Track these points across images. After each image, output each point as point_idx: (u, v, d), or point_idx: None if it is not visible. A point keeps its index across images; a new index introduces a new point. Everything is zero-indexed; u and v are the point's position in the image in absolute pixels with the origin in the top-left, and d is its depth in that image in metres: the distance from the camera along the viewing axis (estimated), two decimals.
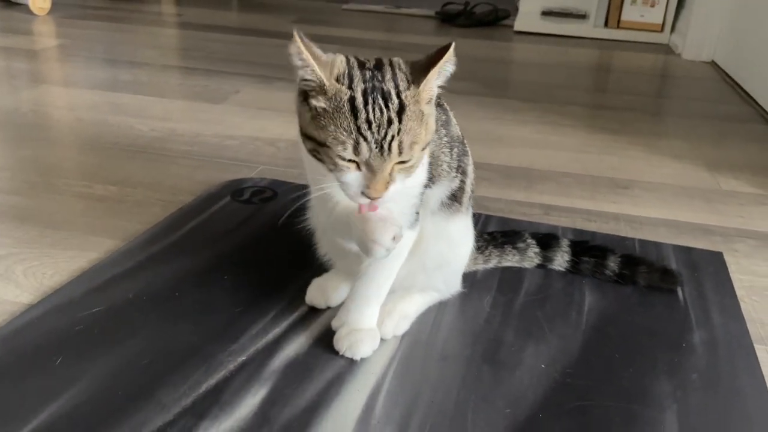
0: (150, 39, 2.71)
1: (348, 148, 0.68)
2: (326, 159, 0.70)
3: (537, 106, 2.05)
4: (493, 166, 1.55)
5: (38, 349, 0.85)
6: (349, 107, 0.68)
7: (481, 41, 2.97)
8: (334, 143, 0.68)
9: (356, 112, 0.68)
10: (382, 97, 0.69)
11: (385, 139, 0.68)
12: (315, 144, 0.71)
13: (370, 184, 0.70)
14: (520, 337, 0.93)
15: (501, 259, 1.09)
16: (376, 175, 0.69)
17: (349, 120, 0.68)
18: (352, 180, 0.70)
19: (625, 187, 1.47)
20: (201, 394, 0.79)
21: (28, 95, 1.91)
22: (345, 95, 0.69)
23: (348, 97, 0.68)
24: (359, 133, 0.68)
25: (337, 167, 0.70)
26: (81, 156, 1.52)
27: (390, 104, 0.69)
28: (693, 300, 1.04)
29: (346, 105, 0.68)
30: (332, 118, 0.68)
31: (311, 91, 0.70)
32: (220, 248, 1.11)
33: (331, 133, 0.68)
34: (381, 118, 0.68)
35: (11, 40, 2.51)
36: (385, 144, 0.68)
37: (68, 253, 1.09)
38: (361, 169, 0.70)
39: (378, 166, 0.69)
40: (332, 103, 0.69)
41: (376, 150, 0.68)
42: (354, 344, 0.86)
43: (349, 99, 0.68)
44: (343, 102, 0.68)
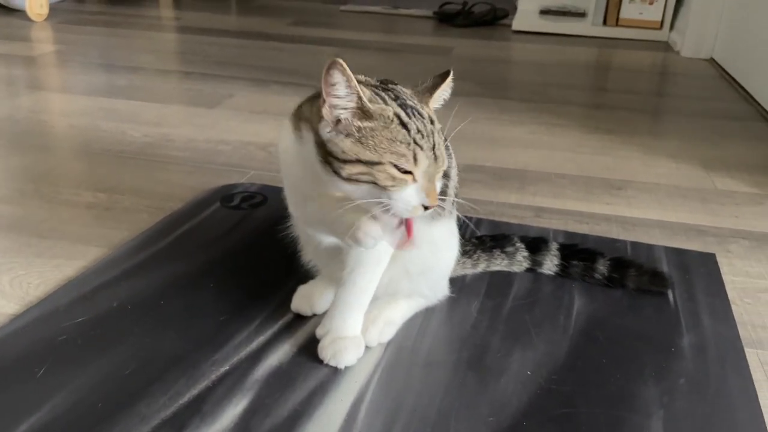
0: (147, 43, 2.71)
1: (410, 159, 0.69)
2: (381, 177, 0.69)
3: (533, 106, 2.04)
4: (487, 168, 1.54)
5: (21, 360, 0.85)
6: (398, 122, 0.70)
7: (479, 41, 2.96)
8: (393, 158, 0.69)
9: (406, 124, 0.70)
10: (417, 112, 0.72)
11: (434, 148, 0.71)
12: (364, 166, 0.69)
13: (429, 193, 0.71)
14: (507, 342, 0.92)
15: (489, 264, 1.08)
16: (431, 184, 0.72)
17: (404, 133, 0.70)
18: (410, 194, 0.71)
19: (619, 187, 1.46)
20: (182, 405, 0.79)
21: (23, 102, 1.91)
22: (389, 112, 0.70)
23: (393, 113, 0.70)
24: (416, 144, 0.70)
25: (395, 183, 0.69)
26: (71, 163, 1.52)
27: (423, 117, 0.72)
28: (683, 303, 1.02)
29: (395, 119, 0.70)
30: (384, 135, 0.69)
31: (355, 115, 0.69)
32: (207, 255, 1.11)
33: (387, 148, 0.69)
34: (425, 128, 0.71)
35: (8, 46, 2.52)
36: (435, 151, 0.71)
37: (55, 262, 1.09)
38: (416, 180, 0.70)
39: (433, 173, 0.72)
40: (381, 121, 0.70)
41: (432, 159, 0.71)
42: (338, 353, 0.85)
43: (395, 114, 0.70)
44: (391, 118, 0.70)
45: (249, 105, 1.94)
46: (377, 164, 0.69)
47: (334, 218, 0.77)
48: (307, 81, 2.16)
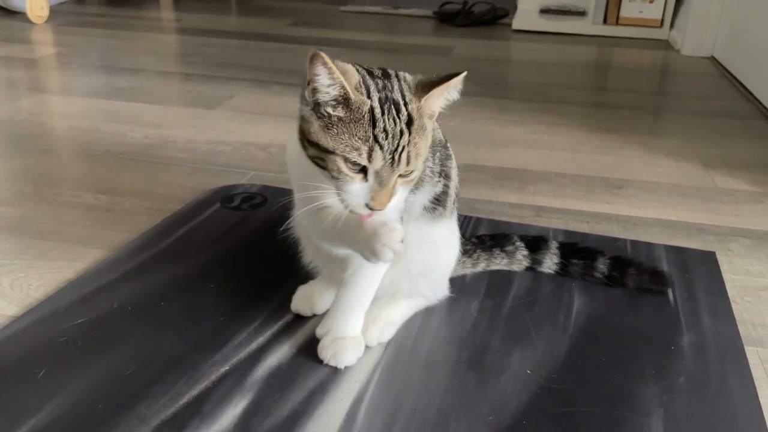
0: (147, 45, 2.71)
1: (363, 155, 0.69)
2: (332, 167, 0.70)
3: (533, 105, 2.03)
4: (487, 168, 1.54)
5: (21, 362, 0.85)
6: (369, 117, 0.70)
7: (479, 40, 2.95)
8: (347, 150, 0.69)
9: (375, 121, 0.70)
10: (395, 108, 0.71)
11: (397, 150, 0.70)
12: (320, 151, 0.71)
13: (376, 195, 0.71)
14: (507, 342, 0.92)
15: (489, 263, 1.08)
16: (384, 187, 0.71)
17: (366, 129, 0.69)
18: (357, 190, 0.71)
19: (620, 186, 1.46)
20: (182, 405, 0.79)
21: (24, 104, 1.91)
22: (366, 105, 0.70)
23: (368, 108, 0.70)
24: (375, 141, 0.69)
25: (342, 175, 0.70)
26: (72, 165, 1.52)
27: (400, 116, 0.71)
28: (683, 302, 1.02)
29: (367, 115, 0.70)
30: (348, 127, 0.69)
31: (331, 101, 0.70)
32: (207, 256, 1.11)
33: (344, 140, 0.69)
34: (395, 128, 0.70)
35: (9, 48, 2.52)
36: (396, 155, 0.70)
37: (55, 264, 1.09)
38: (367, 179, 0.70)
39: (387, 176, 0.70)
40: (353, 113, 0.70)
41: (389, 160, 0.70)
42: (338, 352, 0.86)
43: (369, 109, 0.70)
44: (364, 112, 0.70)
45: (249, 106, 1.94)
46: (330, 153, 0.70)
47: (341, 228, 0.77)
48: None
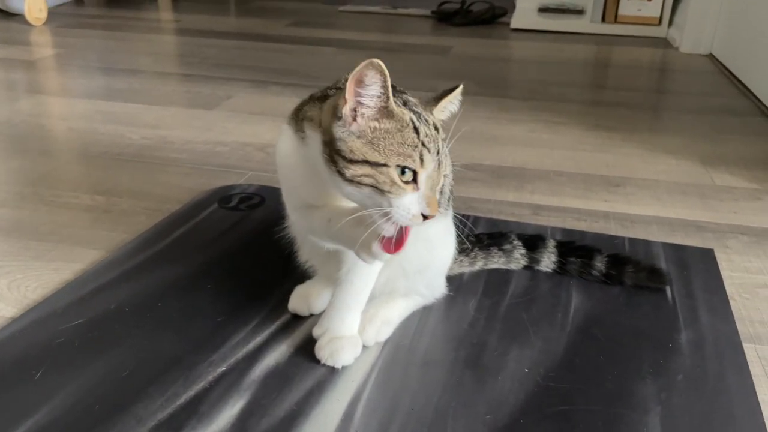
0: (146, 46, 2.71)
1: (416, 160, 0.70)
2: (383, 180, 0.69)
3: (532, 104, 2.03)
4: (485, 167, 1.54)
5: (18, 363, 0.85)
6: (413, 126, 0.71)
7: (478, 39, 2.95)
8: (401, 159, 0.69)
9: (418, 129, 0.71)
10: (424, 118, 0.73)
11: (439, 153, 0.72)
12: (370, 167, 0.70)
13: (430, 201, 0.71)
14: (504, 340, 0.92)
15: (487, 262, 1.08)
16: (434, 192, 0.72)
17: (413, 136, 0.70)
18: (411, 200, 0.70)
19: (618, 184, 1.46)
20: (179, 406, 0.79)
21: (22, 106, 1.91)
22: (407, 115, 0.71)
23: (409, 117, 0.71)
24: (424, 146, 0.70)
25: (395, 188, 0.69)
26: (70, 166, 1.52)
27: (430, 124, 0.73)
28: (681, 299, 1.02)
29: (411, 123, 0.71)
30: (396, 137, 0.70)
31: (375, 114, 0.70)
32: (205, 256, 1.11)
33: (395, 150, 0.70)
34: (431, 134, 0.72)
35: (7, 50, 2.52)
36: (440, 157, 0.72)
37: (53, 265, 1.09)
38: (418, 188, 0.71)
39: (435, 179, 0.72)
40: (398, 123, 0.70)
41: (436, 163, 0.71)
42: (335, 352, 0.85)
43: (410, 119, 0.71)
44: (407, 121, 0.71)
45: (248, 106, 1.94)
46: (382, 166, 0.70)
47: (338, 230, 0.77)
48: (307, 81, 2.17)
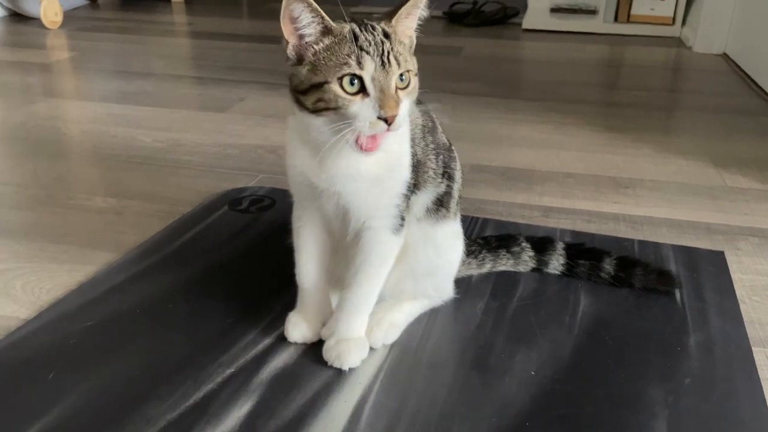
0: (159, 49, 2.73)
1: (352, 64, 0.71)
2: (330, 97, 0.72)
3: (543, 105, 2.03)
4: (494, 168, 1.54)
5: (32, 364, 0.87)
6: (351, 36, 0.73)
7: (489, 40, 2.95)
8: (338, 69, 0.71)
9: (356, 37, 0.73)
10: (371, 28, 0.75)
11: (383, 54, 0.73)
12: (317, 91, 0.72)
13: (383, 102, 0.72)
14: (511, 343, 0.92)
15: (495, 264, 1.08)
16: (386, 94, 0.72)
17: (350, 44, 0.72)
18: (364, 108, 0.72)
19: (628, 186, 1.45)
20: (188, 407, 0.80)
21: (37, 109, 1.94)
22: (346, 29, 0.74)
23: (348, 29, 0.73)
24: (361, 50, 0.72)
25: (342, 100, 0.71)
26: (83, 169, 1.54)
27: (376, 32, 0.75)
28: (691, 302, 1.02)
29: (348, 35, 0.73)
30: (334, 51, 0.72)
31: (315, 38, 0.73)
32: (215, 258, 1.12)
33: (333, 62, 0.72)
34: (375, 39, 0.73)
35: (23, 54, 2.56)
36: (384, 57, 0.73)
37: (66, 267, 1.10)
38: (369, 94, 0.72)
39: (385, 81, 0.72)
40: (336, 38, 0.73)
41: (379, 63, 0.72)
42: (342, 354, 0.86)
43: (350, 30, 0.73)
44: (345, 34, 0.73)
45: (259, 109, 1.95)
46: (324, 84, 0.72)
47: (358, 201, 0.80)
48: None
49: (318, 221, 0.87)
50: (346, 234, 0.86)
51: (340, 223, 0.85)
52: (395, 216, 0.83)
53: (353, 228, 0.84)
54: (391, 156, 0.80)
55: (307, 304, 0.92)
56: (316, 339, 0.91)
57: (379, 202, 0.81)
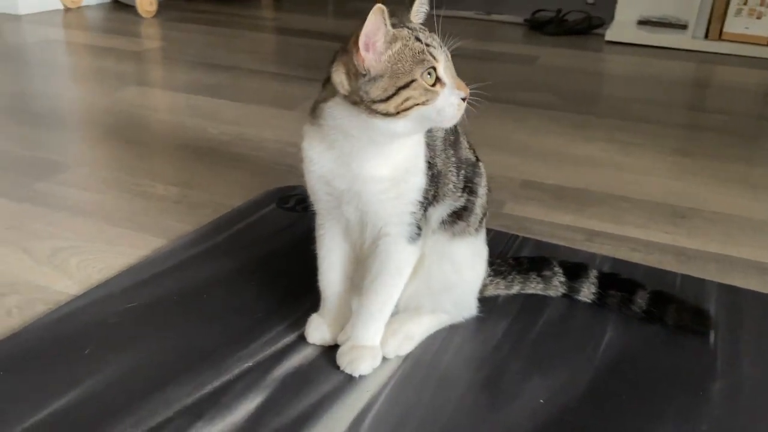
0: (242, 43, 2.84)
1: (429, 58, 0.76)
2: (418, 94, 0.76)
3: (611, 122, 1.97)
4: (547, 186, 1.52)
5: (72, 339, 0.94)
6: (413, 36, 0.77)
7: (568, 50, 2.88)
8: (420, 67, 0.76)
9: (418, 37, 0.78)
10: (412, 27, 0.80)
11: (442, 45, 0.79)
12: (405, 90, 0.76)
13: (459, 86, 0.79)
14: (526, 367, 0.92)
15: (524, 286, 1.07)
16: (456, 78, 0.79)
17: (419, 42, 0.77)
18: (446, 94, 0.78)
19: (684, 216, 1.40)
20: (204, 394, 0.85)
21: (122, 95, 2.07)
22: (404, 31, 0.78)
23: (406, 32, 0.78)
24: (428, 45, 0.77)
25: (429, 93, 0.76)
26: (153, 156, 1.63)
27: (418, 28, 0.80)
28: (725, 345, 0.98)
29: (411, 36, 0.77)
30: (405, 54, 0.76)
31: (384, 49, 0.76)
32: (255, 254, 1.17)
33: (411, 62, 0.76)
34: (426, 33, 0.79)
35: (116, 41, 2.73)
36: (444, 48, 0.79)
37: (119, 249, 1.18)
38: (444, 83, 0.78)
39: (451, 65, 0.79)
40: (402, 41, 0.77)
41: (443, 51, 0.79)
42: (354, 361, 0.89)
43: (409, 32, 0.78)
44: (406, 35, 0.77)
45: None
46: (411, 82, 0.76)
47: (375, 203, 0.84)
48: None
49: (339, 230, 0.90)
50: (364, 241, 0.88)
51: (359, 229, 0.88)
52: (410, 224, 0.85)
53: (370, 234, 0.87)
54: (407, 159, 0.83)
55: (327, 308, 0.95)
56: (334, 342, 0.94)
57: (395, 208, 0.84)
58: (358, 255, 0.92)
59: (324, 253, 0.94)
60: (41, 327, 0.96)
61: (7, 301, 1.03)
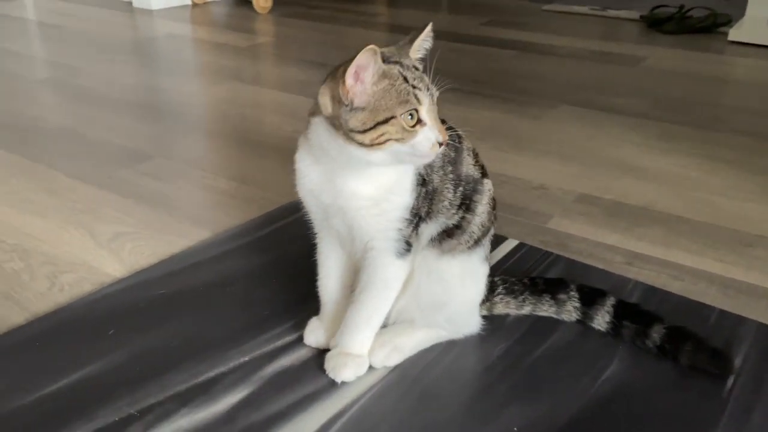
0: (345, 40, 2.92)
1: (412, 100, 0.78)
2: (395, 131, 0.78)
3: (702, 134, 1.83)
4: (604, 201, 1.45)
5: (102, 318, 1.05)
6: (402, 76, 0.79)
7: (683, 51, 2.68)
8: (402, 106, 0.78)
9: (406, 77, 0.79)
10: (406, 64, 0.81)
11: (429, 88, 0.81)
12: (382, 126, 0.78)
13: (439, 129, 0.80)
14: (511, 392, 0.90)
15: (536, 308, 1.05)
16: (437, 121, 0.81)
17: (405, 83, 0.79)
18: (425, 135, 0.79)
19: (750, 244, 1.28)
20: (197, 383, 0.92)
21: (217, 90, 2.22)
22: (395, 69, 0.80)
23: (397, 70, 0.79)
24: (414, 88, 0.79)
25: (406, 133, 0.78)
26: (225, 150, 1.75)
27: (411, 65, 0.82)
28: (742, 393, 0.90)
29: (399, 75, 0.79)
30: (391, 92, 0.78)
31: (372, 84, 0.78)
32: (287, 252, 1.23)
33: (395, 101, 0.78)
34: (417, 74, 0.81)
35: (228, 36, 2.91)
36: (430, 90, 0.81)
37: (169, 238, 1.29)
38: (425, 123, 0.79)
39: (434, 109, 0.81)
40: (390, 80, 0.79)
41: (429, 95, 0.80)
42: (338, 366, 0.92)
43: (399, 71, 0.80)
44: (396, 74, 0.79)
45: None
46: (391, 119, 0.78)
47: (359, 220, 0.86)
48: (465, 86, 2.18)
49: (334, 239, 0.93)
50: (356, 252, 0.91)
51: (350, 240, 0.90)
52: (397, 240, 0.87)
53: (359, 247, 0.89)
54: (390, 179, 0.84)
55: (325, 313, 0.99)
56: (328, 346, 0.97)
57: (379, 224, 0.85)
58: (355, 264, 0.95)
59: (321, 261, 0.97)
60: (80, 306, 1.08)
61: (63, 278, 1.17)
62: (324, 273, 0.97)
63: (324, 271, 0.97)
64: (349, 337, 0.93)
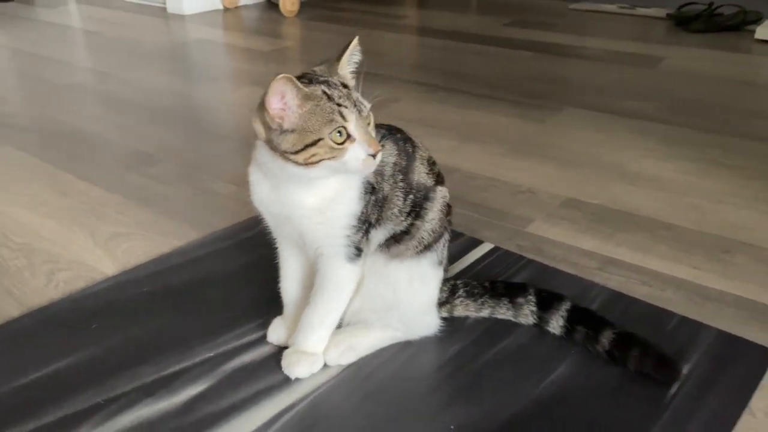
0: (376, 44, 2.96)
1: (338, 119, 0.82)
2: (324, 151, 0.82)
3: (710, 138, 1.80)
4: (590, 206, 1.45)
5: (86, 313, 1.13)
6: (326, 96, 0.83)
7: (706, 51, 2.62)
8: (327, 126, 0.82)
9: (331, 96, 0.83)
10: (332, 83, 0.85)
11: (356, 104, 0.84)
12: (311, 147, 0.82)
13: (369, 141, 0.83)
14: (456, 392, 0.94)
15: (494, 311, 1.07)
16: (368, 134, 0.84)
17: (330, 103, 0.83)
18: (355, 151, 0.83)
19: (728, 250, 1.27)
20: (163, 376, 0.98)
21: (231, 96, 2.30)
22: (318, 90, 0.83)
23: (321, 91, 0.83)
24: (340, 106, 0.83)
25: (336, 150, 0.83)
26: (229, 154, 1.82)
27: (338, 84, 0.85)
28: (683, 400, 0.90)
29: (323, 95, 0.83)
30: (318, 112, 0.82)
31: (296, 108, 0.82)
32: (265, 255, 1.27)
33: (321, 122, 0.82)
34: (342, 92, 0.84)
35: (253, 41, 3.00)
36: (358, 107, 0.84)
37: (162, 239, 1.37)
38: (355, 138, 0.83)
39: (363, 124, 0.84)
40: (315, 101, 0.83)
41: (356, 112, 0.83)
42: (292, 364, 0.97)
43: (322, 92, 0.83)
44: (320, 95, 0.83)
45: (407, 112, 2.06)
46: (319, 141, 0.81)
47: (306, 228, 0.90)
48: (480, 90, 2.19)
49: (293, 244, 0.98)
50: (310, 256, 0.96)
51: (303, 246, 0.95)
52: (346, 246, 0.91)
53: (311, 252, 0.94)
54: (334, 190, 0.88)
55: (287, 313, 1.04)
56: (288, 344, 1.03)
57: (325, 232, 0.90)
58: (312, 266, 0.99)
59: (281, 264, 1.03)
60: (68, 302, 1.16)
61: (60, 276, 1.26)
62: (284, 275, 1.03)
63: (284, 273, 1.02)
64: (304, 337, 0.98)
